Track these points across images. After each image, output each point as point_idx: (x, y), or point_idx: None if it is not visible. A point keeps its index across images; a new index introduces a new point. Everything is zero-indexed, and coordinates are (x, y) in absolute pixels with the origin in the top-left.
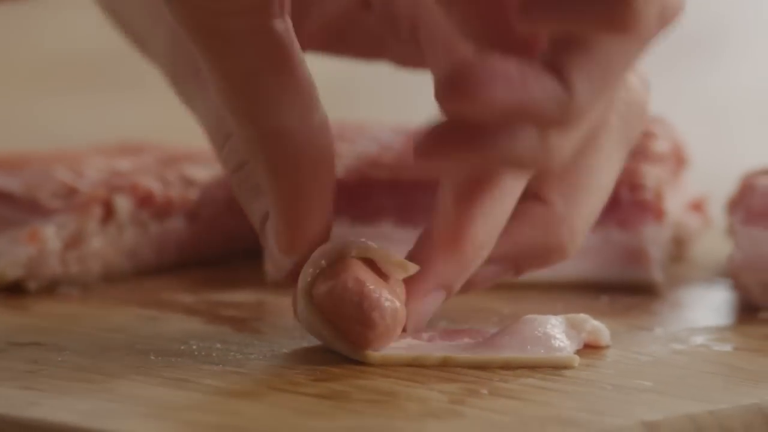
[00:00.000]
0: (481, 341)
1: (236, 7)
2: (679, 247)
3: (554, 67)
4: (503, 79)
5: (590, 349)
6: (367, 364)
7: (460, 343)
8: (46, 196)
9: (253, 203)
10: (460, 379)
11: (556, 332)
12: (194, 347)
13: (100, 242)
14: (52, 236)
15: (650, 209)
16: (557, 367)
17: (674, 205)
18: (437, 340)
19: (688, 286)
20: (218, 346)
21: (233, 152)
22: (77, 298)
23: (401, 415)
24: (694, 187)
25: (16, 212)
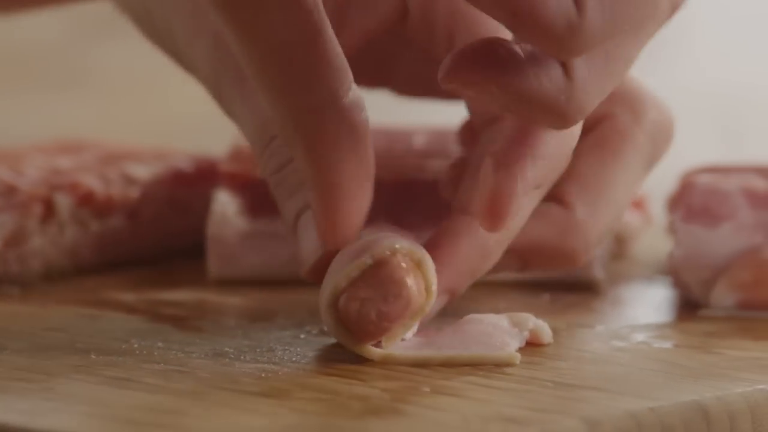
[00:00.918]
0: (423, 340)
1: None
2: (620, 244)
3: None
4: None
5: (532, 347)
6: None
7: (402, 341)
8: None
9: (287, 201)
10: (402, 377)
11: (498, 331)
12: (135, 346)
13: (40, 241)
14: None
15: None
16: (499, 365)
17: None
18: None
19: (628, 283)
20: (160, 344)
21: (274, 155)
22: (17, 297)
23: (343, 413)
24: None
25: None
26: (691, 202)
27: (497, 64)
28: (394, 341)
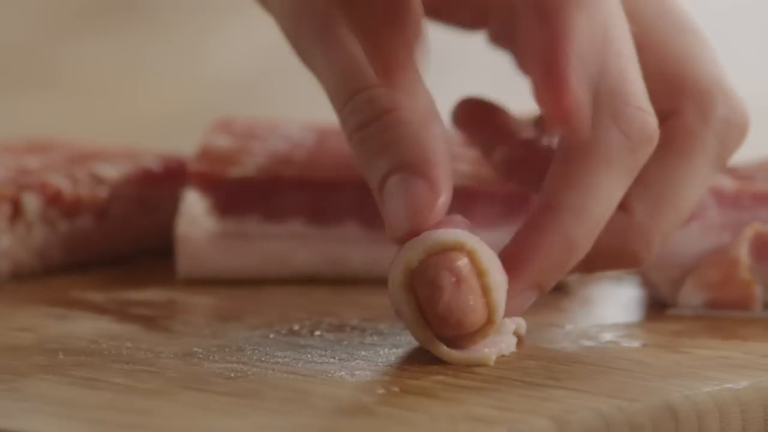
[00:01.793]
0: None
1: None
2: None
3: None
4: None
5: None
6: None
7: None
8: None
9: (373, 162)
10: (371, 376)
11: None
12: (104, 346)
13: (8, 241)
14: None
15: None
16: (472, 365)
17: None
18: None
19: (597, 283)
20: (128, 344)
21: (357, 110)
22: None
23: (312, 413)
24: None
25: None
26: None
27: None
28: (473, 345)
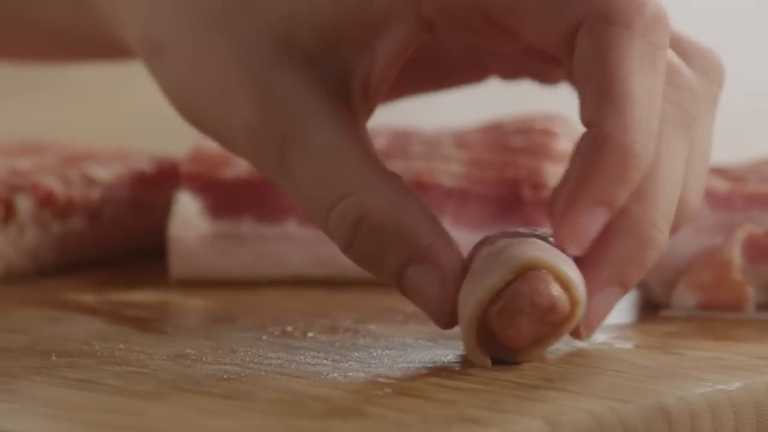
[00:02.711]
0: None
1: None
2: None
3: None
4: None
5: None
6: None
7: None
8: None
9: (384, 259)
10: (364, 377)
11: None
12: (97, 348)
13: (0, 242)
14: None
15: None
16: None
17: None
18: None
19: None
20: (121, 346)
21: (341, 221)
22: None
23: (305, 414)
24: None
25: None
26: None
27: None
28: (542, 352)
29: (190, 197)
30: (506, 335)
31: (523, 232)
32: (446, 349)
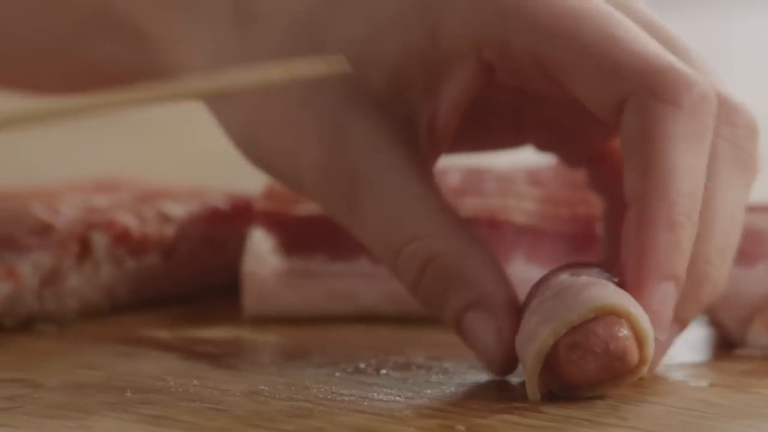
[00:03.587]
0: None
1: None
2: None
3: None
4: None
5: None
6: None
7: None
8: (22, 232)
9: (446, 301)
10: (437, 415)
11: None
12: (171, 384)
13: (76, 279)
14: (28, 273)
15: None
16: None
17: None
18: None
19: None
20: (195, 382)
21: (404, 271)
22: (54, 334)
23: None
24: None
25: None
26: None
27: None
28: (595, 393)
29: (263, 234)
30: (569, 370)
31: (584, 271)
32: (519, 387)
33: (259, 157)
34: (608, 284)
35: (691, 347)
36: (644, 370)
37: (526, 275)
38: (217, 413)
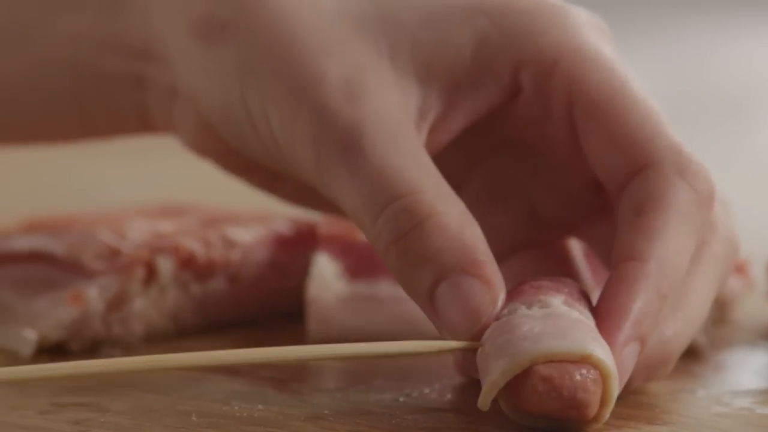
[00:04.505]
0: None
1: None
2: (721, 309)
3: None
4: None
5: (630, 411)
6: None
7: None
8: (89, 257)
9: (417, 272)
10: None
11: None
12: (236, 408)
13: (142, 303)
14: (95, 297)
15: None
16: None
17: None
18: None
19: (730, 348)
20: (260, 407)
21: (390, 221)
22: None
23: None
24: None
25: (59, 274)
26: None
27: None
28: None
29: (328, 259)
30: (528, 397)
31: (569, 289)
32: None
33: (242, 102)
34: (597, 331)
35: (757, 373)
36: (589, 427)
37: None
38: None
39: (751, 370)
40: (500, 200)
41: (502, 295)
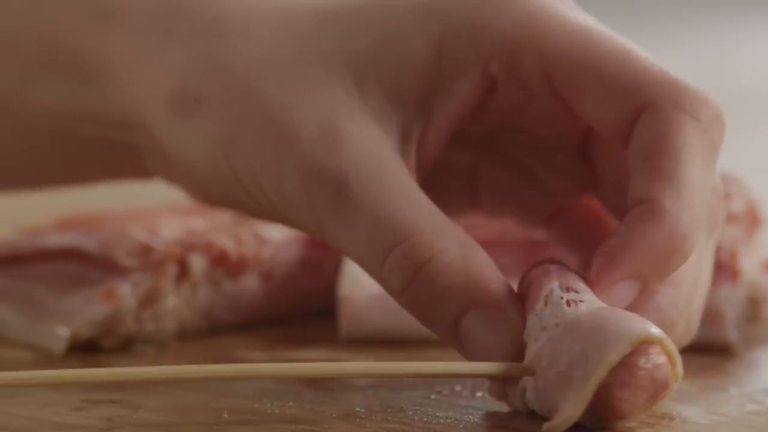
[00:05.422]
0: None
1: None
2: (754, 307)
3: None
4: None
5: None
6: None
7: None
8: (121, 255)
9: (432, 315)
10: None
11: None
12: (268, 405)
13: (174, 301)
14: (127, 295)
15: (725, 269)
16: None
17: (749, 265)
18: None
19: (763, 346)
20: (292, 404)
21: (396, 269)
22: (152, 356)
23: None
24: None
25: (92, 271)
26: None
27: None
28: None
29: None
30: (618, 407)
31: (570, 281)
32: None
33: (231, 172)
34: (617, 311)
35: None
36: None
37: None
38: None
39: None
40: (518, 181)
41: (519, 311)
